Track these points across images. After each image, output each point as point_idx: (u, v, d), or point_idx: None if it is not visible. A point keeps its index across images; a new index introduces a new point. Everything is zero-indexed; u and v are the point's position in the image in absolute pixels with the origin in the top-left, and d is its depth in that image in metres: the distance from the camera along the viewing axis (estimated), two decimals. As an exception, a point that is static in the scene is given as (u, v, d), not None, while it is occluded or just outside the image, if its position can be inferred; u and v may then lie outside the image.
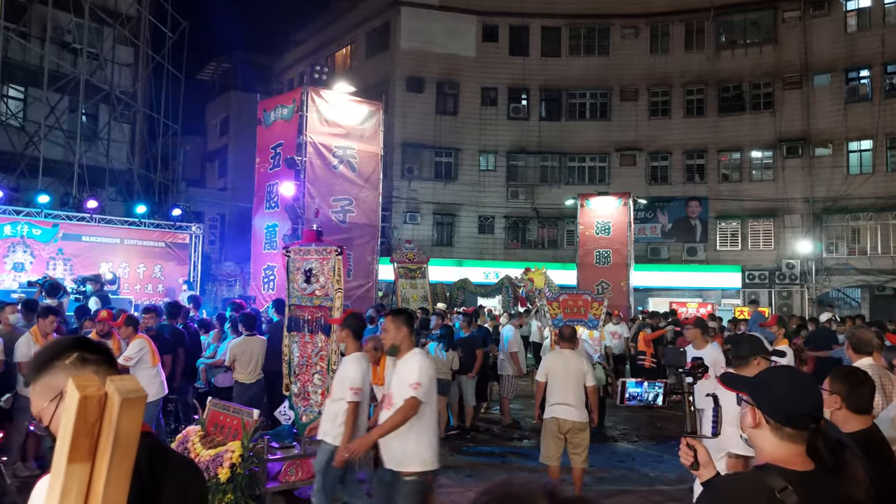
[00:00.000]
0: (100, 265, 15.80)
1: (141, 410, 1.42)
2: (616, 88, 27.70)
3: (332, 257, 6.82)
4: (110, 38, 20.95)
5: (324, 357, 6.75)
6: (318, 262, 6.92)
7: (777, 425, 1.98)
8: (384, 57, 28.19)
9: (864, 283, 24.07)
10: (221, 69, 36.41)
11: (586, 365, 7.15)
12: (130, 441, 1.40)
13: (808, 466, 1.96)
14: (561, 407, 6.92)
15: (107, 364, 1.85)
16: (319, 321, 6.79)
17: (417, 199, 26.97)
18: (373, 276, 14.64)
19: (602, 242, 19.76)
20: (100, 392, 1.40)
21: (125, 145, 21.38)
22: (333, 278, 6.75)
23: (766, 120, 25.87)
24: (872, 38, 24.25)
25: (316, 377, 6.82)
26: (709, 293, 25.60)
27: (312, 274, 6.90)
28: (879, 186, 23.81)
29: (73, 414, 1.39)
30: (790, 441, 1.97)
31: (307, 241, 7.21)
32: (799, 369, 2.27)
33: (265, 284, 13.78)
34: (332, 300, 6.76)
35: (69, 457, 1.38)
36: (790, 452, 1.96)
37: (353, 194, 14.27)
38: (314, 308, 6.93)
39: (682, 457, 2.41)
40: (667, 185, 27.11)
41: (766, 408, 2.01)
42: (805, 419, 1.96)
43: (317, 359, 6.81)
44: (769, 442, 2.00)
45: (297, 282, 7.06)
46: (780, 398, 2.00)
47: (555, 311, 10.92)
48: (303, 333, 7.00)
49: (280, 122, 14.19)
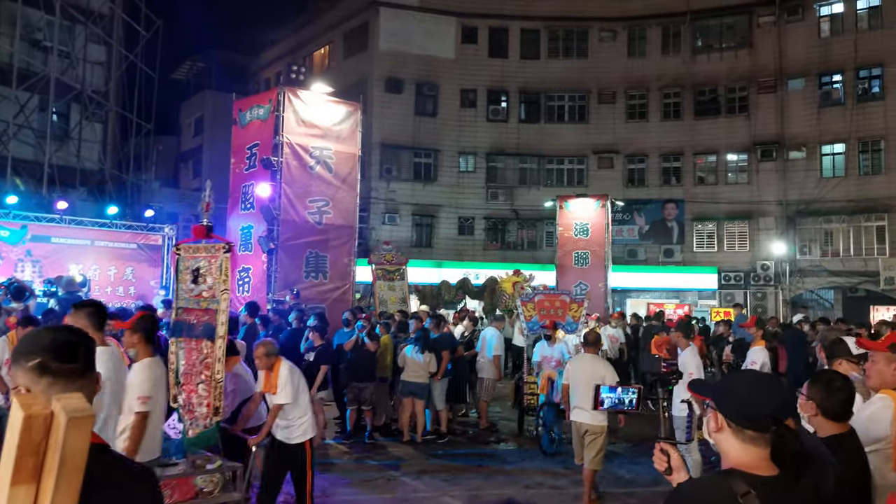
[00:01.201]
0: (69, 267, 15.52)
1: (88, 430, 1.35)
2: (594, 91, 27.83)
3: (221, 255, 6.09)
4: (82, 37, 20.63)
5: (209, 365, 6.05)
6: (206, 261, 6.19)
7: (738, 428, 1.97)
8: (362, 57, 28.06)
9: (836, 284, 24.40)
10: (196, 68, 36.01)
11: (607, 369, 7.50)
12: (77, 461, 1.33)
13: (772, 471, 1.95)
14: (578, 411, 7.43)
15: (75, 375, 1.72)
16: (206, 326, 6.12)
17: (396, 199, 26.87)
18: (349, 278, 14.52)
19: (580, 244, 19.81)
20: (45, 411, 1.34)
21: (97, 145, 21.07)
22: (220, 278, 6.05)
23: (741, 123, 26.15)
24: (845, 44, 24.62)
25: (201, 387, 6.10)
26: (685, 294, 25.80)
27: (200, 273, 6.19)
28: (852, 189, 24.16)
29: (16, 433, 1.32)
30: (753, 444, 1.96)
31: (197, 237, 6.29)
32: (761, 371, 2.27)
33: (240, 287, 13.60)
34: (219, 302, 6.05)
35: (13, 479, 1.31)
36: (754, 457, 1.96)
37: (330, 195, 14.14)
38: (200, 311, 6.18)
39: (655, 461, 2.40)
40: (644, 187, 27.29)
41: (727, 410, 2.01)
42: (766, 420, 1.95)
43: (201, 367, 6.12)
44: (732, 446, 1.99)
45: (185, 282, 6.33)
46: (740, 400, 2.00)
47: (529, 313, 10.58)
48: (189, 339, 6.28)
49: (256, 123, 14.03)
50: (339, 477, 8.26)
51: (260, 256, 13.30)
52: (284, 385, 5.92)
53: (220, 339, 5.98)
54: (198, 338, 6.16)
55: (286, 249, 13.35)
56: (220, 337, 5.99)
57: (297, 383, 6.01)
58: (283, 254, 13.30)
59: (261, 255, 13.26)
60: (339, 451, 9.61)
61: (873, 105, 24.15)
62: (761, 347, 8.30)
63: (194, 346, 6.20)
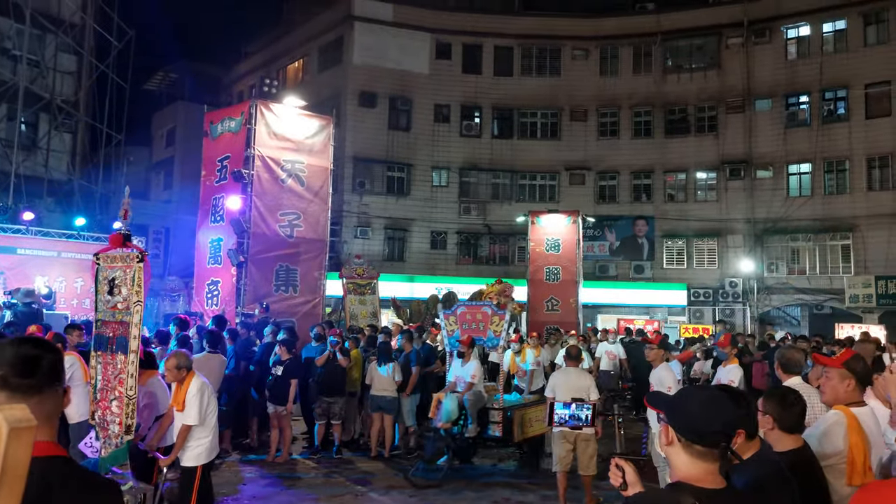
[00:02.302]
0: (35, 279, 15.24)
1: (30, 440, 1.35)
2: (566, 108, 28.16)
3: (135, 265, 5.85)
4: (52, 46, 20.39)
5: (122, 381, 5.76)
6: (122, 271, 5.95)
7: (687, 443, 2.02)
8: (336, 71, 28.09)
9: (802, 301, 24.83)
10: (169, 79, 35.74)
11: (589, 381, 7.76)
12: (19, 472, 1.33)
13: (720, 484, 2.00)
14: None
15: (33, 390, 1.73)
16: (120, 339, 5.86)
17: (369, 213, 26.84)
18: (320, 292, 14.44)
19: (552, 259, 19.95)
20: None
21: (66, 155, 20.78)
22: (133, 289, 5.80)
23: (710, 142, 26.62)
24: (811, 66, 25.25)
25: (114, 404, 5.81)
26: (655, 310, 26.06)
27: (115, 284, 5.95)
28: (817, 209, 24.69)
29: (-45, 444, 1.31)
30: (701, 459, 2.01)
31: (114, 246, 6.03)
32: (714, 388, 2.33)
33: (209, 300, 13.48)
34: (132, 315, 5.80)
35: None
36: (701, 471, 2.00)
37: (302, 208, 14.10)
38: (115, 323, 5.93)
39: (611, 477, 2.43)
40: (615, 203, 27.60)
41: (678, 425, 2.05)
42: (716, 437, 2.00)
43: (115, 382, 5.84)
44: (681, 460, 2.04)
45: (103, 293, 6.10)
46: (691, 416, 2.04)
47: (452, 327, 9.65)
48: (104, 353, 6.00)
49: (227, 135, 13.96)
50: (306, 492, 8.18)
51: (229, 269, 13.19)
52: (192, 404, 5.65)
53: (133, 354, 5.73)
54: (113, 352, 5.90)
55: (256, 263, 13.26)
56: (132, 351, 5.74)
57: (205, 403, 5.77)
58: (253, 267, 13.21)
59: (230, 269, 13.15)
60: (307, 467, 9.52)
61: (838, 126, 24.76)
62: (735, 366, 8.35)
63: (110, 360, 5.94)
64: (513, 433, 9.08)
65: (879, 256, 23.41)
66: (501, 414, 9.12)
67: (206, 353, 8.58)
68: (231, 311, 12.62)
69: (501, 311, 9.36)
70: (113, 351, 5.88)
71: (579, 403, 2.61)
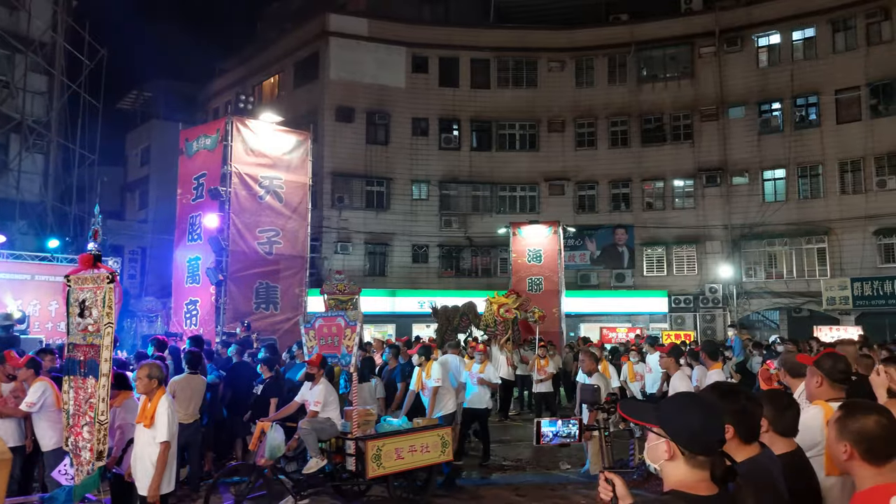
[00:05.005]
0: (7, 302, 14.90)
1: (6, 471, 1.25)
2: (544, 120, 28.30)
3: (105, 286, 5.67)
4: (22, 66, 20.08)
5: (93, 405, 5.56)
6: (92, 293, 5.79)
7: (692, 455, 2.03)
8: (313, 87, 28.00)
9: (780, 305, 25.06)
10: (143, 98, 35.39)
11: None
12: None
13: (712, 491, 2.02)
14: None
15: None
16: (90, 362, 5.65)
17: (349, 228, 26.69)
18: (301, 309, 14.28)
19: (534, 270, 19.95)
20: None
21: (38, 177, 20.43)
22: (104, 311, 5.63)
23: (686, 150, 26.87)
24: (782, 74, 25.62)
25: (85, 430, 5.62)
26: (637, 318, 26.14)
27: (86, 306, 5.79)
28: (793, 213, 24.97)
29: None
30: (699, 468, 2.03)
31: (84, 268, 5.87)
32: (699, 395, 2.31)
33: (187, 320, 13.26)
34: (102, 337, 5.62)
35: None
36: (696, 478, 2.03)
37: (280, 225, 13.96)
38: (86, 346, 5.75)
39: (601, 491, 2.38)
40: (594, 213, 27.73)
41: (683, 440, 2.04)
42: (719, 444, 2.05)
43: (86, 407, 5.64)
44: (681, 471, 2.05)
45: (74, 316, 5.94)
46: (697, 429, 2.04)
47: (311, 342, 8.40)
48: (76, 377, 5.80)
49: (203, 153, 13.81)
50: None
51: (208, 288, 13.01)
52: (161, 421, 5.35)
53: (104, 377, 5.52)
54: (84, 376, 5.70)
55: (235, 281, 13.08)
56: (103, 374, 5.53)
57: (174, 423, 5.48)
58: (233, 285, 13.03)
59: (209, 287, 12.97)
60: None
61: (810, 132, 25.12)
62: (718, 370, 8.30)
63: (81, 384, 5.73)
64: (366, 468, 7.35)
65: (854, 259, 23.70)
66: (354, 445, 7.55)
67: (187, 373, 8.42)
68: (211, 330, 12.43)
69: (353, 322, 7.96)
70: (84, 375, 5.68)
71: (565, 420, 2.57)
